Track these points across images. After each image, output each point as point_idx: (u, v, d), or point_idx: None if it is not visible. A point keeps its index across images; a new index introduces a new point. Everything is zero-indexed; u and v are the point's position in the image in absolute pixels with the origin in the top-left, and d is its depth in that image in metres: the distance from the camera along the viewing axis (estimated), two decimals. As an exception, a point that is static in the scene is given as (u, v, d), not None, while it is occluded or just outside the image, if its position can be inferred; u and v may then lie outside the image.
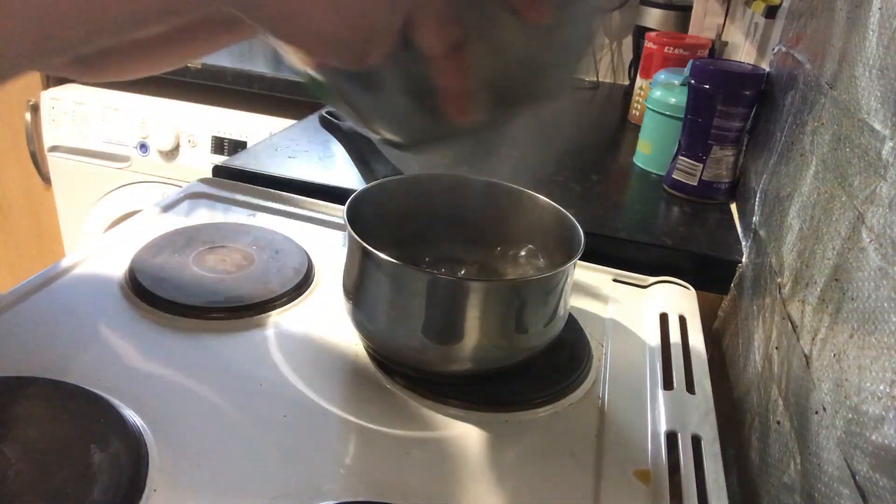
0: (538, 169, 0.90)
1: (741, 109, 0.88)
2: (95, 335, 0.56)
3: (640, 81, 1.23)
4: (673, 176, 0.95)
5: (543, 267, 0.62)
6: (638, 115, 1.22)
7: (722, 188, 0.92)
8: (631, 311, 0.69)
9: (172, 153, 1.55)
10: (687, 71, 0.94)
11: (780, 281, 0.59)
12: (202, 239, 0.70)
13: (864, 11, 0.51)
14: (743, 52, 1.15)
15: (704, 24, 1.37)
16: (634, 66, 1.47)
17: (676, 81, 1.00)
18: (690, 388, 0.58)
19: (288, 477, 0.45)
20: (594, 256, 0.72)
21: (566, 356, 0.59)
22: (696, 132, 0.91)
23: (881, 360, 0.37)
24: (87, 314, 0.59)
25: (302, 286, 0.65)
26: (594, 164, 1.05)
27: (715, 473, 0.48)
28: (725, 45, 1.32)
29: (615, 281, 0.74)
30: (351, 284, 0.55)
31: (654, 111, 1.01)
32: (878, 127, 0.44)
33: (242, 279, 0.64)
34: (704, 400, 0.56)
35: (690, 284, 0.74)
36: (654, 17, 1.43)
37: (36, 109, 1.64)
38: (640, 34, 1.42)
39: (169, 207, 0.79)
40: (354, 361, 0.57)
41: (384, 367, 0.56)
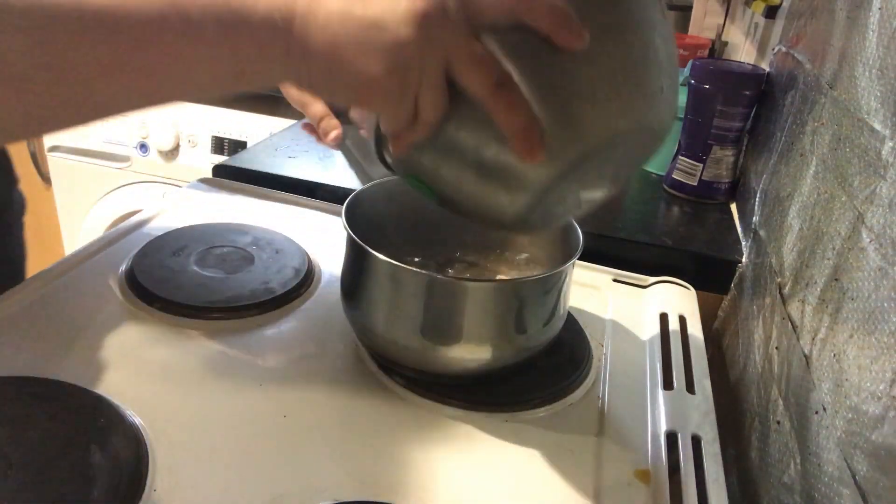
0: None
1: (741, 109, 0.88)
2: (95, 335, 0.56)
3: (640, 81, 1.23)
4: (673, 176, 0.95)
5: (541, 267, 0.62)
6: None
7: (722, 188, 0.92)
8: (631, 311, 0.69)
9: (172, 153, 1.55)
10: (687, 71, 0.94)
11: (780, 281, 0.59)
12: (202, 239, 0.70)
13: (864, 11, 0.51)
14: (743, 52, 1.15)
15: (704, 24, 1.37)
16: (634, 66, 1.47)
17: (676, 81, 1.00)
18: (690, 388, 0.58)
19: (288, 477, 0.45)
20: (594, 256, 0.72)
21: (566, 356, 0.59)
22: (696, 132, 0.91)
23: (881, 360, 0.37)
24: (87, 314, 0.59)
25: (302, 286, 0.65)
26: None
27: (715, 473, 0.48)
28: (725, 45, 1.32)
29: (615, 281, 0.74)
30: (349, 285, 0.55)
31: (654, 111, 1.01)
32: (878, 127, 0.44)
33: (242, 279, 0.64)
34: (704, 400, 0.56)
35: (690, 284, 0.74)
36: (654, 17, 1.43)
37: (36, 109, 1.64)
38: (640, 34, 1.42)
39: (169, 207, 0.79)
40: (354, 361, 0.57)
41: (384, 367, 0.56)
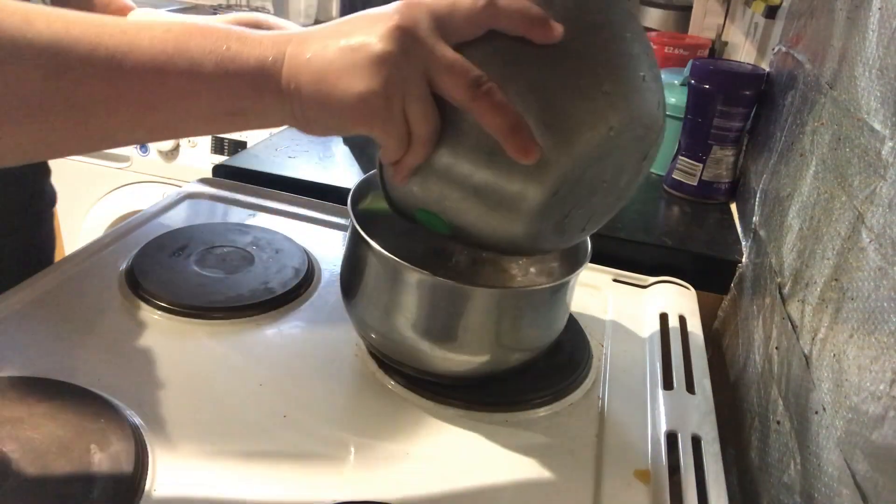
0: None
1: (741, 109, 0.88)
2: (95, 335, 0.56)
3: (640, 81, 1.23)
4: (673, 176, 0.95)
5: (546, 262, 0.62)
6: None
7: (722, 188, 0.92)
8: (631, 311, 0.69)
9: (172, 153, 1.55)
10: (687, 71, 0.94)
11: (780, 281, 0.59)
12: (202, 239, 0.70)
13: (864, 11, 0.51)
14: (743, 52, 1.15)
15: (704, 24, 1.37)
16: (634, 66, 1.47)
17: (676, 81, 1.00)
18: (690, 388, 0.58)
19: (288, 477, 0.45)
20: (594, 256, 0.72)
21: (566, 356, 0.59)
22: (696, 132, 0.91)
23: (881, 360, 0.37)
24: (87, 314, 0.59)
25: (302, 286, 0.65)
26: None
27: (715, 473, 0.48)
28: (725, 45, 1.32)
29: (615, 281, 0.74)
30: (351, 280, 0.55)
31: (654, 111, 1.01)
32: (878, 127, 0.44)
33: (242, 279, 0.64)
34: (704, 400, 0.56)
35: (690, 284, 0.74)
36: (654, 17, 1.43)
37: (36, 109, 1.64)
38: (640, 34, 1.42)
39: (169, 207, 0.79)
40: (354, 361, 0.57)
41: (384, 366, 0.56)
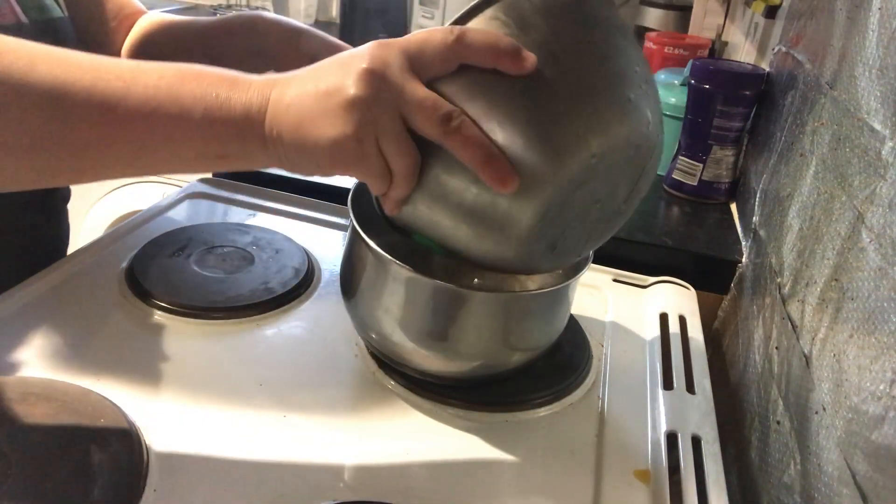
0: None
1: (741, 109, 0.88)
2: (95, 335, 0.56)
3: (640, 81, 1.23)
4: (673, 176, 0.95)
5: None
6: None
7: (722, 188, 0.92)
8: (631, 311, 0.69)
9: (172, 153, 1.54)
10: (687, 71, 0.94)
11: (780, 281, 0.59)
12: (202, 239, 0.70)
13: (864, 11, 0.51)
14: (743, 52, 1.15)
15: (704, 24, 1.37)
16: (634, 66, 1.47)
17: (676, 81, 1.00)
18: (690, 388, 0.58)
19: (288, 477, 0.45)
20: (594, 256, 0.72)
21: (566, 356, 0.59)
22: (696, 132, 0.91)
23: (881, 360, 0.37)
24: (86, 314, 0.59)
25: (302, 286, 0.65)
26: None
27: (715, 473, 0.48)
28: (725, 45, 1.32)
29: (615, 281, 0.74)
30: (350, 280, 0.54)
31: (654, 111, 1.01)
32: (878, 127, 0.44)
33: (242, 279, 0.64)
34: (704, 400, 0.56)
35: (690, 284, 0.74)
36: (654, 17, 1.43)
37: (36, 109, 1.63)
38: (639, 34, 1.42)
39: (169, 207, 0.79)
40: (354, 361, 0.57)
41: (384, 366, 0.56)
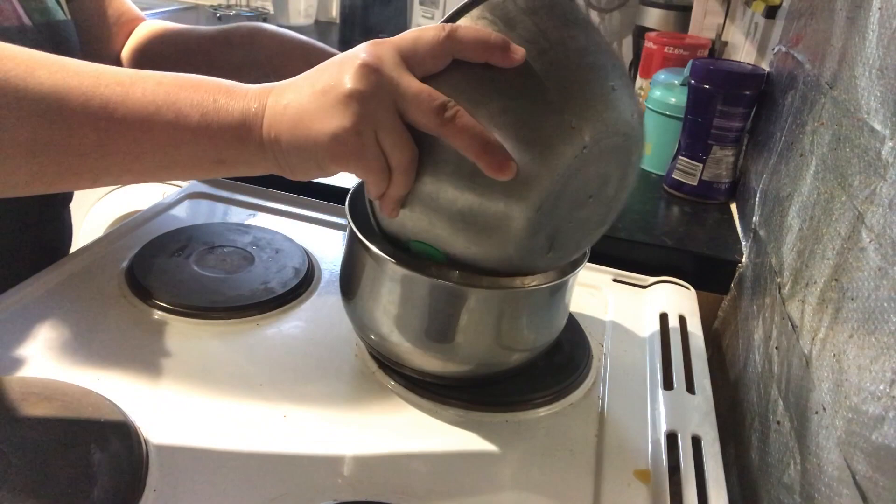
0: None
1: (741, 109, 0.88)
2: (95, 335, 0.56)
3: (640, 81, 1.23)
4: (673, 176, 0.95)
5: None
6: (638, 115, 1.22)
7: (722, 188, 0.92)
8: (631, 311, 0.69)
9: (172, 153, 1.54)
10: (687, 71, 0.94)
11: (780, 281, 0.59)
12: (202, 239, 0.70)
13: (864, 11, 0.51)
14: (743, 52, 1.14)
15: (704, 24, 1.37)
16: (634, 65, 1.47)
17: (676, 81, 1.00)
18: (690, 388, 0.58)
19: (288, 477, 0.45)
20: (594, 256, 0.72)
21: (566, 356, 0.59)
22: (696, 132, 0.91)
23: (881, 360, 0.37)
24: (87, 314, 0.59)
25: (302, 286, 0.65)
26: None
27: (715, 473, 0.48)
28: (725, 45, 1.32)
29: (615, 281, 0.74)
30: (350, 282, 0.55)
31: (654, 111, 1.01)
32: (878, 127, 0.44)
33: (242, 279, 0.64)
34: (704, 400, 0.56)
35: (690, 284, 0.74)
36: (654, 17, 1.43)
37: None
38: (639, 34, 1.42)
39: (169, 207, 0.79)
40: (354, 361, 0.57)
41: (384, 366, 0.56)
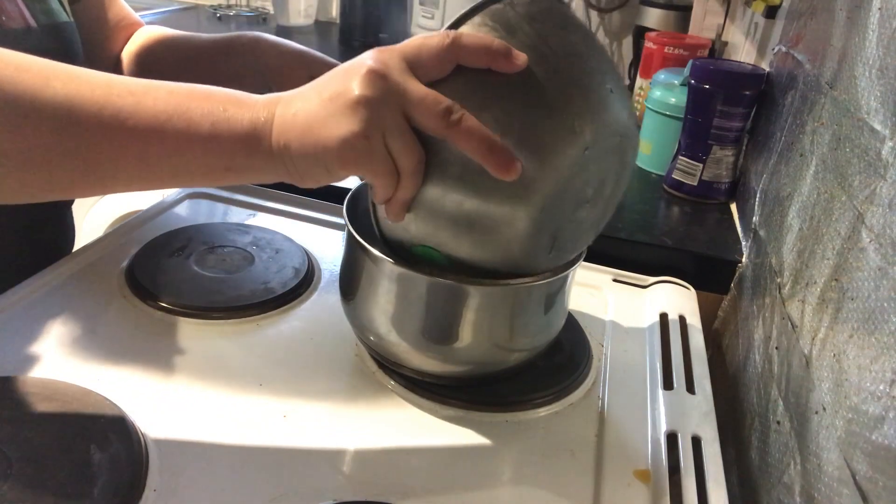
0: None
1: (741, 109, 0.88)
2: (95, 335, 0.56)
3: (639, 81, 1.23)
4: (673, 176, 0.95)
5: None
6: (638, 115, 1.22)
7: (722, 188, 0.92)
8: (631, 311, 0.69)
9: (172, 153, 1.54)
10: (687, 71, 0.94)
11: (780, 281, 0.59)
12: (202, 239, 0.70)
13: (863, 11, 0.51)
14: (743, 52, 1.14)
15: (704, 24, 1.37)
16: (634, 66, 1.47)
17: (676, 81, 1.00)
18: (690, 388, 0.58)
19: (288, 477, 0.45)
20: (594, 256, 0.72)
21: (566, 356, 0.59)
22: (696, 132, 0.91)
23: (881, 360, 0.37)
24: (86, 314, 0.59)
25: (302, 286, 0.65)
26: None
27: (715, 473, 0.48)
28: (725, 45, 1.32)
29: (615, 281, 0.74)
30: (349, 283, 0.55)
31: (653, 111, 1.01)
32: (878, 127, 0.44)
33: (242, 279, 0.64)
34: (704, 400, 0.56)
35: (690, 284, 0.74)
36: (654, 17, 1.43)
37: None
38: (639, 34, 1.42)
39: (169, 207, 0.79)
40: (354, 361, 0.57)
41: (384, 366, 0.56)
